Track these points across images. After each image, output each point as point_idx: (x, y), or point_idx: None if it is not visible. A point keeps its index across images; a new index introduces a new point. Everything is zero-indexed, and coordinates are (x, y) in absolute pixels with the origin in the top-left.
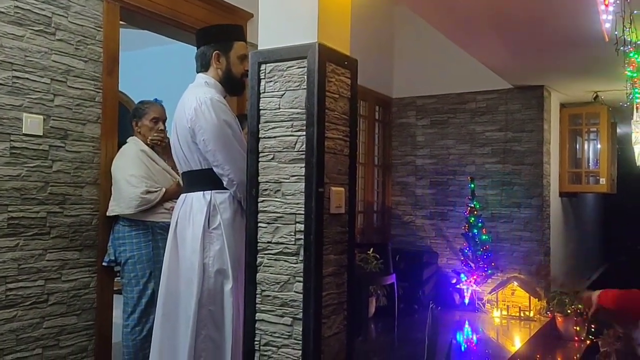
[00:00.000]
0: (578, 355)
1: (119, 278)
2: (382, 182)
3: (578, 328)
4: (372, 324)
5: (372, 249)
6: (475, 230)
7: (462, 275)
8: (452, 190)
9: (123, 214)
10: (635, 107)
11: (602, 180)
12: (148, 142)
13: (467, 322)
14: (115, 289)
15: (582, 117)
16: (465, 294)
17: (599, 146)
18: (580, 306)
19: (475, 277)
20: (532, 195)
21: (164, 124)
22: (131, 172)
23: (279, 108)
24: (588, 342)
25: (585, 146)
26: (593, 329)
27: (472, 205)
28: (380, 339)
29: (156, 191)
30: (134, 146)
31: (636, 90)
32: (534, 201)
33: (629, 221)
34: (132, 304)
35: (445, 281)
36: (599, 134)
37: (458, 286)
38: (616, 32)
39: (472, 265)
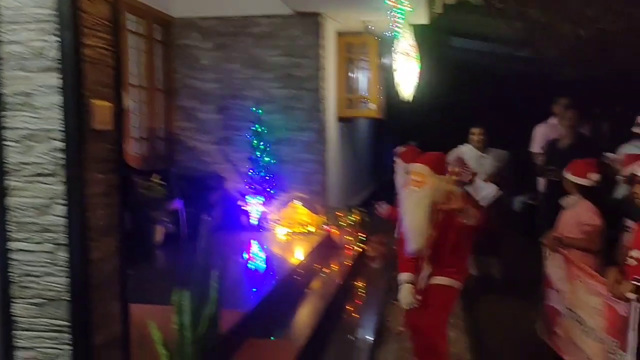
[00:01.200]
0: (350, 262)
1: None
2: (165, 107)
3: (350, 238)
4: (159, 250)
5: (156, 175)
6: (260, 154)
7: (249, 197)
8: (238, 115)
9: None
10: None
11: (372, 106)
12: None
13: (254, 242)
14: None
15: (355, 46)
16: (252, 215)
17: (369, 74)
18: (351, 219)
19: (261, 198)
20: (312, 120)
21: None
22: None
23: (23, 7)
24: (358, 249)
25: (358, 74)
26: (362, 238)
27: (257, 130)
28: (167, 264)
29: None
30: None
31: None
32: (314, 125)
33: (396, 143)
34: None
35: (233, 204)
36: (369, 63)
37: (245, 208)
38: None
39: (258, 187)
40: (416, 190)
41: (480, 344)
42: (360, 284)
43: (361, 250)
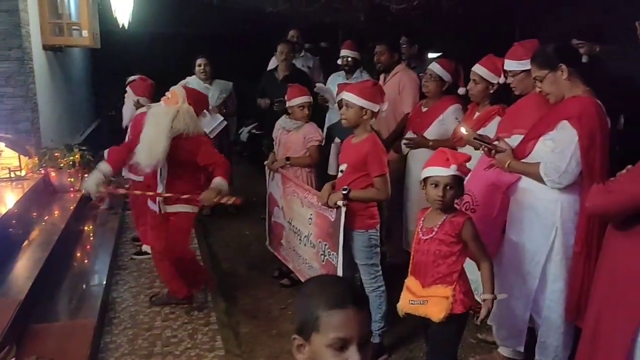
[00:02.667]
0: (74, 205)
1: None
2: None
3: (72, 179)
4: None
5: None
6: None
7: None
8: None
9: None
10: None
11: (85, 33)
12: None
13: None
14: None
15: None
16: None
17: None
18: (72, 159)
19: None
20: (10, 47)
21: None
22: None
23: None
24: (82, 191)
25: None
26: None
27: None
28: None
29: None
30: None
31: None
32: (14, 53)
33: (115, 76)
34: None
35: None
36: None
37: None
38: None
39: None
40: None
41: (216, 266)
42: (88, 227)
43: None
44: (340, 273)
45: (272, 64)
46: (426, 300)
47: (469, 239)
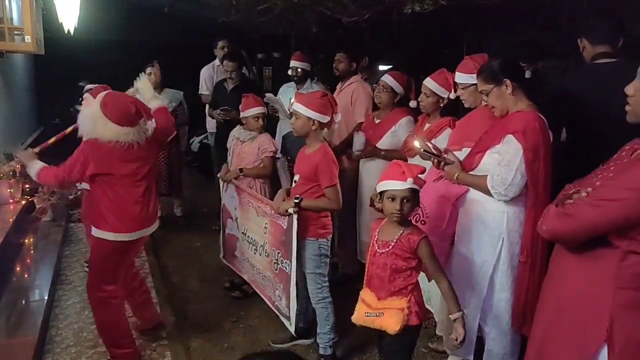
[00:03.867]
0: (14, 217)
1: None
2: None
3: (12, 190)
4: None
5: None
6: None
7: None
8: None
9: None
10: None
11: (28, 39)
12: None
13: None
14: None
15: None
16: None
17: (21, 1)
18: (12, 168)
19: None
20: None
21: None
22: None
23: None
24: (24, 202)
25: (6, 1)
26: (28, 189)
27: None
28: None
29: None
30: None
31: None
32: None
33: (60, 83)
34: None
35: None
36: None
37: None
38: None
39: None
40: None
41: (166, 279)
42: (29, 240)
43: (27, 203)
44: (293, 281)
45: (205, 74)
46: (382, 312)
47: (425, 258)
